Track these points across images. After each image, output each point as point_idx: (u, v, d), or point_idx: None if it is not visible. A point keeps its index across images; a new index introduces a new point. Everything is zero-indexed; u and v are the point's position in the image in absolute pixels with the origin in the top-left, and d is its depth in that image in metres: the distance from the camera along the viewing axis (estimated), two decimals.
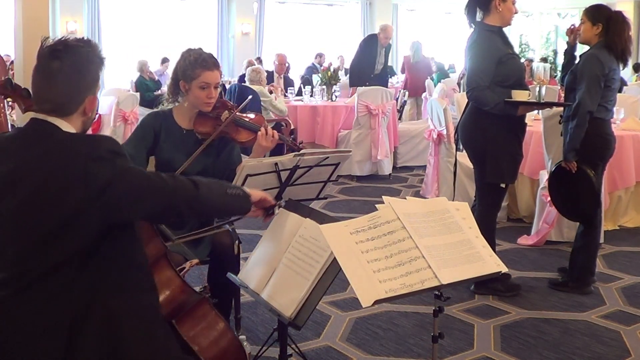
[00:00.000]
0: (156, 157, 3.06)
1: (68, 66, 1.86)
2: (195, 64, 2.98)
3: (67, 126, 1.88)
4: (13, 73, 6.78)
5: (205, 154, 2.99)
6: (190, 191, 1.95)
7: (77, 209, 1.78)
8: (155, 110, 3.24)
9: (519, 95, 3.77)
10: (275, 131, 3.00)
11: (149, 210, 1.91)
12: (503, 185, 4.00)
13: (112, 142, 1.89)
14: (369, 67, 8.98)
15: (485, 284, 3.95)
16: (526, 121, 4.06)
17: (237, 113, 3.06)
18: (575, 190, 4.04)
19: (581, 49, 4.12)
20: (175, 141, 3.02)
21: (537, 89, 3.84)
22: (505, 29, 3.95)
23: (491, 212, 4.03)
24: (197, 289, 2.38)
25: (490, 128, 3.87)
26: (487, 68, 3.79)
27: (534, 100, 3.83)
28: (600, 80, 3.88)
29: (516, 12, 3.94)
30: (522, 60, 13.75)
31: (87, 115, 1.93)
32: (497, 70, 3.79)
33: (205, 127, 3.03)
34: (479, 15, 3.95)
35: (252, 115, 3.15)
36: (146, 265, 1.99)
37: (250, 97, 3.30)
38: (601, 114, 3.95)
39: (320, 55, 13.40)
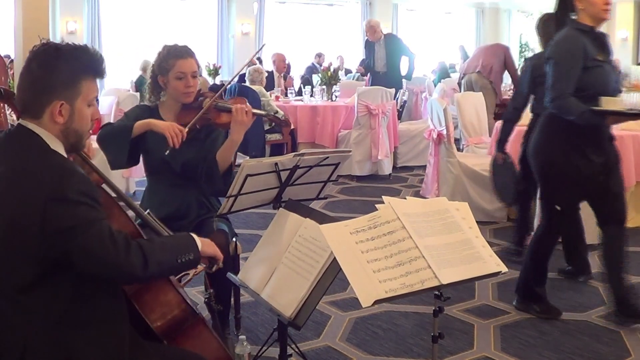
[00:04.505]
0: (141, 150, 3.06)
1: (36, 64, 1.80)
2: (169, 55, 3.01)
3: (46, 134, 1.80)
4: (12, 73, 6.78)
5: (189, 146, 2.98)
6: (137, 272, 1.78)
7: (28, 243, 1.70)
8: (144, 103, 3.24)
9: (609, 104, 3.30)
10: (250, 106, 2.96)
11: (86, 272, 1.75)
12: (561, 208, 3.59)
13: (84, 182, 1.76)
14: (369, 66, 9.09)
15: (526, 302, 3.73)
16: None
17: (218, 98, 3.03)
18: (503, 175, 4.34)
19: None
20: (161, 136, 2.97)
21: (635, 96, 3.38)
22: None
23: (547, 236, 3.70)
24: (203, 296, 2.34)
25: (564, 145, 3.45)
26: (570, 73, 3.33)
27: (628, 110, 3.30)
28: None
29: (607, 3, 3.36)
30: (522, 60, 13.78)
31: (59, 122, 1.80)
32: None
33: (189, 117, 3.00)
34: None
35: (233, 98, 3.15)
36: (111, 293, 1.88)
37: (232, 80, 3.32)
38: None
39: (319, 55, 13.39)
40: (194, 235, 1.99)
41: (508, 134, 4.47)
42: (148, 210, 2.43)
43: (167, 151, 2.91)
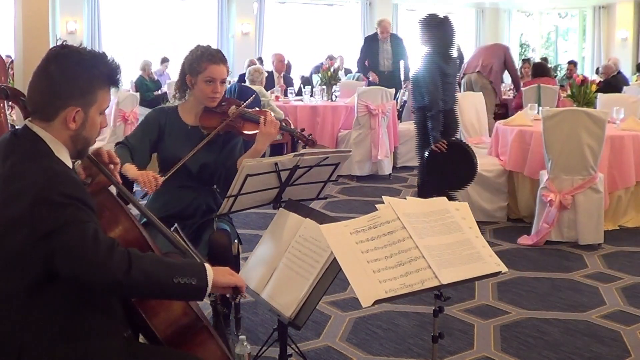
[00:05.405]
0: (160, 153, 3.07)
1: (56, 68, 1.79)
2: (202, 58, 3.00)
3: (50, 139, 1.79)
4: (13, 73, 6.78)
5: (208, 150, 3.00)
6: (117, 276, 1.70)
7: (21, 247, 1.69)
8: (160, 106, 3.26)
9: None
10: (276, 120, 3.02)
11: (66, 275, 1.71)
12: None
13: (70, 185, 1.74)
14: (372, 65, 8.98)
15: None
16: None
17: (244, 107, 3.08)
18: (455, 160, 4.73)
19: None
20: (180, 137, 3.04)
21: None
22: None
23: None
24: (209, 298, 2.33)
25: None
26: None
27: None
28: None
29: None
30: (521, 60, 13.76)
31: (71, 128, 1.80)
32: None
33: (212, 121, 3.03)
34: None
35: (257, 109, 3.22)
36: (107, 307, 1.85)
37: (254, 94, 3.35)
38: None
39: (331, 58, 13.21)
40: (208, 265, 1.89)
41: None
42: (174, 226, 2.33)
43: (143, 194, 2.92)
